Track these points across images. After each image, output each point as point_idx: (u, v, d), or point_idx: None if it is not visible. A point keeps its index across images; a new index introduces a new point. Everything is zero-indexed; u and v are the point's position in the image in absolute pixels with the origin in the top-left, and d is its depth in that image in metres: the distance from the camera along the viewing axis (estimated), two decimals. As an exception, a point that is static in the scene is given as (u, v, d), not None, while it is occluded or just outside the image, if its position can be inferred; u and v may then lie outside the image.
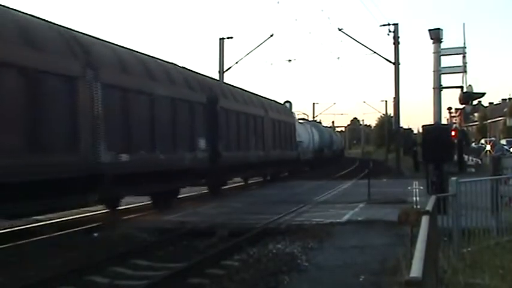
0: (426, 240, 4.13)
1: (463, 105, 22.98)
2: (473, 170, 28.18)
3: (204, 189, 19.43)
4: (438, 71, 19.46)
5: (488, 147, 41.30)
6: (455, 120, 49.29)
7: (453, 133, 15.90)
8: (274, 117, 25.47)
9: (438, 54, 19.52)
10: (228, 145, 19.01)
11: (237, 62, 32.86)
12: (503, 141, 49.23)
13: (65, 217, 13.04)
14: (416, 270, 3.13)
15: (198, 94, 16.80)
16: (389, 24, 31.25)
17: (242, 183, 25.09)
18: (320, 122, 56.24)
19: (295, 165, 30.48)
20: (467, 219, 8.32)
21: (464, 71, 19.81)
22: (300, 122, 38.39)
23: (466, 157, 30.44)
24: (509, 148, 41.10)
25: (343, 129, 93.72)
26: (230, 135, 19.39)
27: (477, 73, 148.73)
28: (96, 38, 12.65)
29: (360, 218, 12.49)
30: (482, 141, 52.21)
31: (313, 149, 39.33)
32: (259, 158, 22.77)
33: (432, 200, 6.79)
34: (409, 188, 19.64)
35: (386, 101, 66.82)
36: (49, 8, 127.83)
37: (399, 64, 31.37)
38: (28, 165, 9.32)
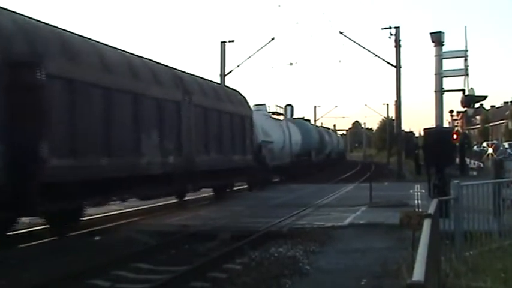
0: (428, 243, 4.12)
1: (465, 108, 22.94)
2: (475, 173, 28.17)
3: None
4: (440, 74, 19.44)
5: (490, 151, 41.26)
6: (457, 123, 49.23)
7: (455, 136, 15.88)
8: (205, 105, 16.98)
9: (440, 57, 19.50)
10: (74, 145, 10.64)
11: (238, 66, 32.90)
12: (506, 144, 49.16)
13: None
14: (418, 273, 3.13)
15: None
16: (390, 28, 31.27)
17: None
18: (308, 120, 45.57)
19: (253, 175, 21.52)
20: (469, 223, 8.30)
21: (466, 74, 19.78)
22: (272, 117, 30.95)
23: (468, 160, 30.46)
24: (512, 151, 41.05)
25: (344, 132, 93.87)
26: (81, 128, 10.81)
27: (479, 76, 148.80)
28: None
29: (361, 222, 12.48)
30: (484, 144, 52.14)
31: (291, 153, 31.14)
32: (170, 167, 14.32)
33: (434, 203, 6.78)
34: (411, 191, 19.60)
35: (387, 104, 66.81)
36: (50, 7, 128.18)
37: (401, 67, 31.36)
38: None
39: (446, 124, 31.53)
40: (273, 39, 32.97)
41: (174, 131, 14.80)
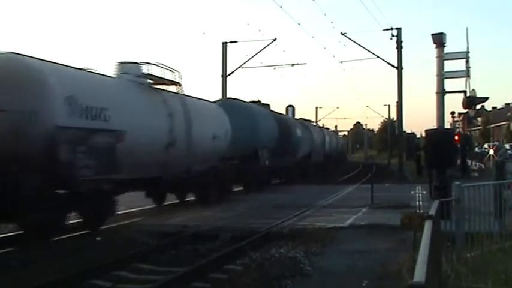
0: (429, 244, 4.12)
1: (466, 110, 23.00)
2: (476, 174, 28.15)
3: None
4: (441, 76, 19.48)
5: (491, 152, 41.23)
6: (459, 124, 49.25)
7: (456, 137, 15.88)
8: None
9: (441, 58, 19.54)
10: None
11: (240, 66, 32.83)
12: (507, 146, 49.09)
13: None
14: (419, 274, 3.13)
15: None
16: (392, 29, 31.27)
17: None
18: (267, 105, 29.15)
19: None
20: (470, 224, 8.30)
21: (468, 76, 19.84)
22: (153, 88, 15.21)
23: (469, 162, 30.44)
24: (513, 153, 40.94)
25: (346, 133, 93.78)
26: None
27: (480, 77, 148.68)
28: None
29: (362, 223, 12.48)
30: (486, 145, 52.11)
31: (190, 154, 16.04)
32: None
33: (435, 204, 6.78)
34: (412, 192, 19.59)
35: (389, 105, 66.55)
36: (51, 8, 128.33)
37: (402, 68, 31.36)
38: None
39: (447, 125, 31.60)
40: (274, 39, 32.73)
41: None
